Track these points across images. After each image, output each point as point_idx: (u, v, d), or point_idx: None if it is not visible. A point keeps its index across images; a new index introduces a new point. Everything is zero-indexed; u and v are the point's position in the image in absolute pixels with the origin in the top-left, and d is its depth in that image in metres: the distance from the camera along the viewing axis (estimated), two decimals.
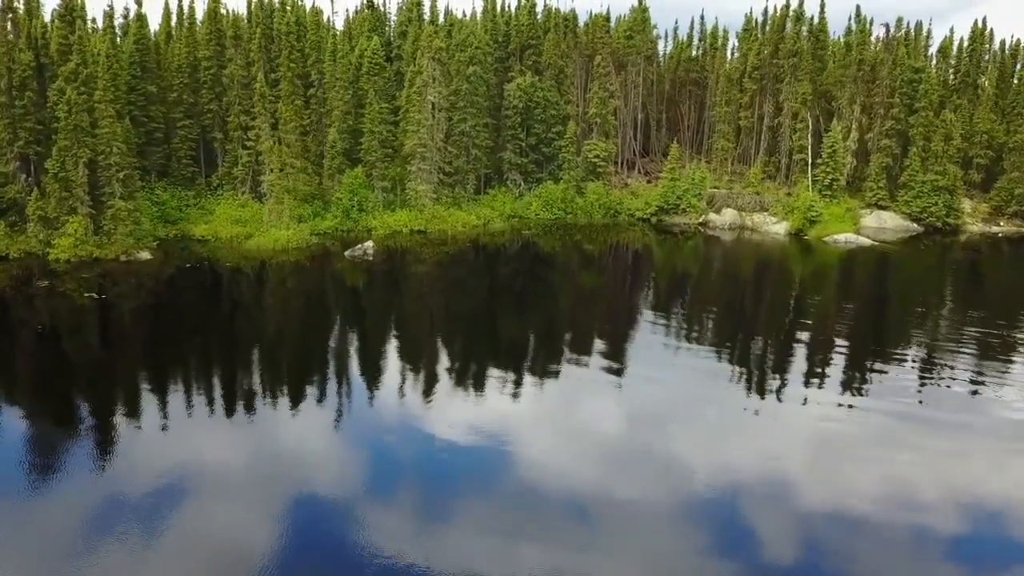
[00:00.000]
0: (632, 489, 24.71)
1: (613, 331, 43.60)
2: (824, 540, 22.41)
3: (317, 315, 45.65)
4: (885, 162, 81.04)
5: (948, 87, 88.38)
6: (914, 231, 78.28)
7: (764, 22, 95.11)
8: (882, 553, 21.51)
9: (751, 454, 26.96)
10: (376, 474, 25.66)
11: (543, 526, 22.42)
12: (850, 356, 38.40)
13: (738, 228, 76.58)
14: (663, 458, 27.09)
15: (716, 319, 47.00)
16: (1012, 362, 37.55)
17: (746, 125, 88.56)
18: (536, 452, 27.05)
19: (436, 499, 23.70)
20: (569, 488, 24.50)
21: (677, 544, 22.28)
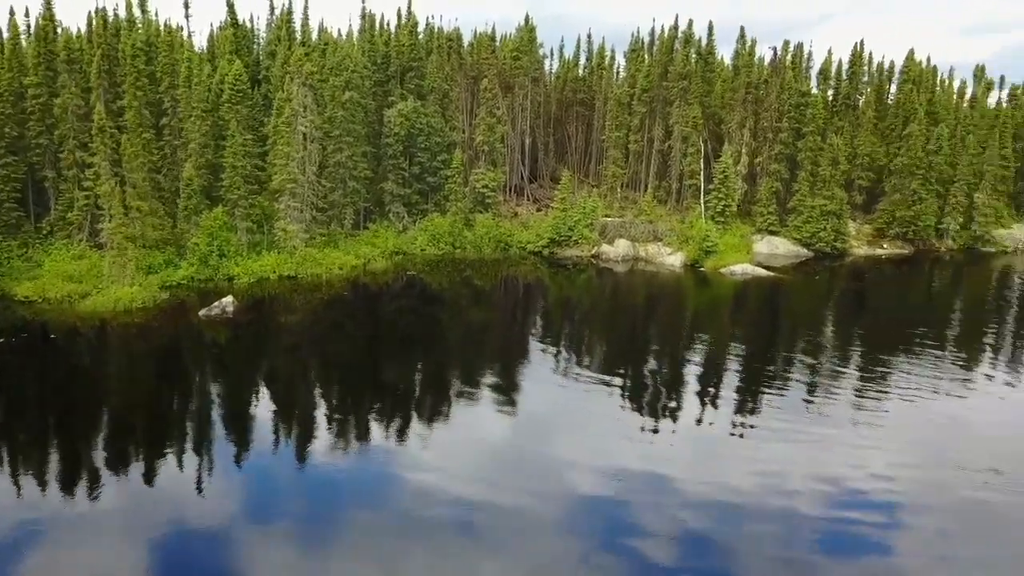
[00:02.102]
0: (522, 515, 26.99)
1: (504, 368, 43.69)
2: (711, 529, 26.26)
3: (164, 387, 38.99)
4: (775, 187, 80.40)
5: (830, 109, 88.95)
6: (804, 256, 77.82)
7: (651, 42, 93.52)
8: (759, 534, 25.69)
9: (639, 472, 29.99)
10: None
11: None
12: (737, 385, 41.11)
13: (632, 260, 73.86)
14: (556, 493, 28.54)
15: (608, 354, 48.02)
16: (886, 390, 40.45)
17: (636, 149, 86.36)
18: (423, 501, 27.77)
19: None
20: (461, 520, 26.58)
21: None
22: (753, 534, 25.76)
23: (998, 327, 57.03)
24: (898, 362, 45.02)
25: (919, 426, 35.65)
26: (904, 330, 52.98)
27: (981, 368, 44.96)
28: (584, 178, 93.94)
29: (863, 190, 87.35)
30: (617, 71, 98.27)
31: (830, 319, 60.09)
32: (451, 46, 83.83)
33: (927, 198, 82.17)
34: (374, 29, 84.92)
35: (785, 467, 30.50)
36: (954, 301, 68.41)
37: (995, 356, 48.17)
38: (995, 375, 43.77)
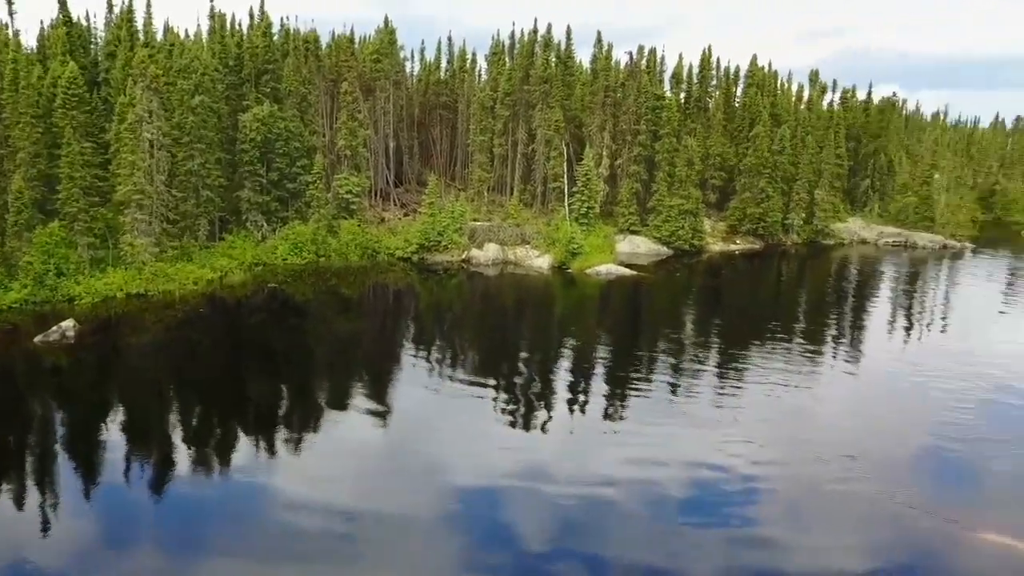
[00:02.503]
0: (399, 522, 27.09)
1: (375, 378, 43.22)
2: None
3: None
4: (635, 188, 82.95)
5: (683, 112, 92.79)
6: (665, 254, 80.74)
7: (512, 46, 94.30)
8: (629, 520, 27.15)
9: (513, 471, 30.57)
10: None
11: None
12: (605, 383, 42.70)
13: (502, 263, 74.10)
14: (432, 497, 28.75)
15: (480, 359, 47.81)
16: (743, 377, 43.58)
17: (501, 152, 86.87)
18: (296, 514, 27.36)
19: None
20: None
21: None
22: (623, 521, 27.05)
23: (838, 316, 61.80)
24: (752, 355, 47.74)
25: (774, 417, 37.49)
26: (757, 323, 56.61)
27: (826, 357, 48.31)
28: (451, 182, 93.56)
29: (716, 189, 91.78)
30: (479, 74, 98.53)
31: (690, 315, 62.85)
32: (308, 48, 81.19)
33: (773, 196, 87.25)
34: (224, 30, 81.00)
35: (653, 459, 31.82)
36: (799, 293, 73.07)
37: (836, 345, 51.90)
38: (836, 364, 47.09)
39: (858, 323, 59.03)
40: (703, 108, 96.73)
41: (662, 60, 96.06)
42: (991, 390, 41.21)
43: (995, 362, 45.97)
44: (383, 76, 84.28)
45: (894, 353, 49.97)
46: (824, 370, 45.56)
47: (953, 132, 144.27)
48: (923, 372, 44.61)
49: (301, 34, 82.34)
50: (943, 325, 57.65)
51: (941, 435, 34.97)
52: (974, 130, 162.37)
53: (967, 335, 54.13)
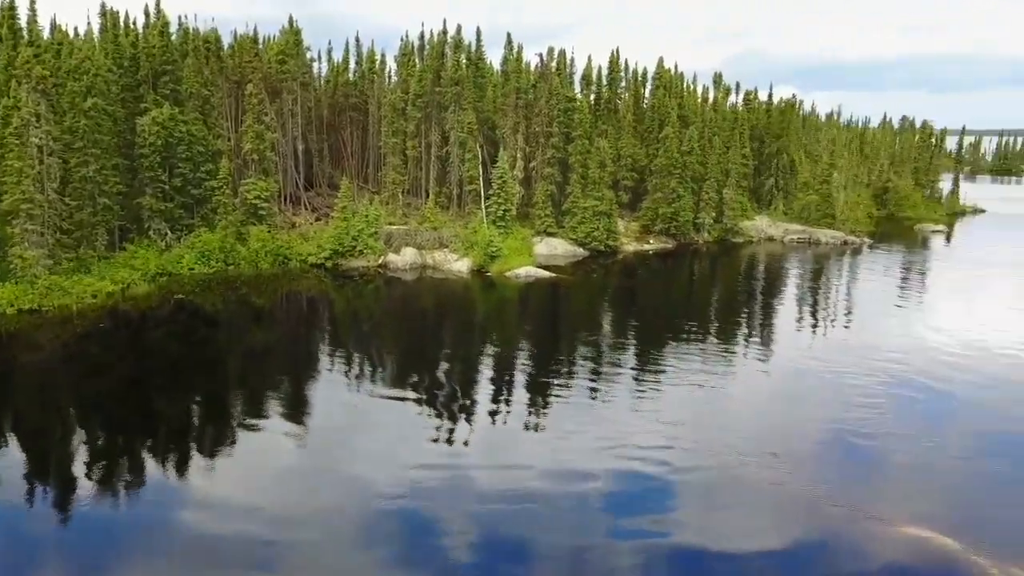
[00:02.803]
0: (320, 532, 26.66)
1: (291, 389, 42.37)
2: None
3: None
4: (550, 190, 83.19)
5: (594, 113, 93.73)
6: (581, 255, 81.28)
7: (422, 47, 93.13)
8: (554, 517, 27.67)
9: (437, 475, 30.92)
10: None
11: None
12: (526, 385, 43.26)
13: (420, 268, 72.97)
14: (354, 507, 28.72)
15: (400, 365, 47.59)
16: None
17: (414, 155, 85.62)
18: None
19: None
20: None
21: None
22: (548, 518, 27.66)
23: (749, 313, 63.83)
24: (669, 354, 48.79)
25: (691, 415, 38.17)
26: (672, 322, 57.95)
27: (738, 354, 49.71)
28: (364, 185, 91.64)
29: (628, 190, 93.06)
30: (389, 75, 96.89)
31: (608, 316, 63.54)
32: (209, 48, 77.88)
33: (684, 195, 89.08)
34: (118, 28, 76.89)
35: (575, 457, 32.60)
36: (712, 291, 74.84)
37: (748, 342, 53.33)
38: (749, 360, 48.49)
39: (768, 320, 60.96)
40: (613, 110, 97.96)
41: (572, 62, 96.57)
42: (894, 383, 42.87)
43: (895, 355, 47.97)
44: (290, 77, 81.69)
45: (802, 348, 51.65)
46: (737, 367, 46.81)
47: (846, 132, 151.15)
48: (831, 367, 46.20)
49: (201, 34, 78.85)
50: (847, 320, 59.94)
51: (852, 430, 36.09)
52: (865, 130, 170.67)
53: (869, 329, 56.30)
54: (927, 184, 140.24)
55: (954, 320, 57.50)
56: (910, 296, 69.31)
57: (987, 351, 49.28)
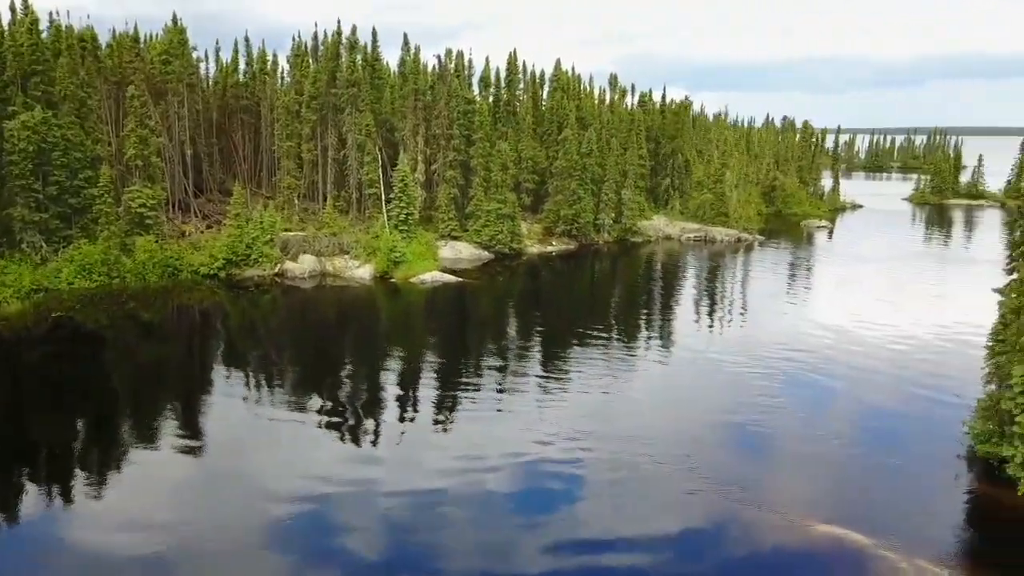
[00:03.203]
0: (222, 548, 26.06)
1: (186, 406, 40.43)
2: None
3: None
4: (452, 192, 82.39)
5: (494, 115, 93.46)
6: (486, 258, 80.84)
7: (315, 47, 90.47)
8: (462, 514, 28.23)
9: (344, 483, 30.81)
10: None
11: None
12: (433, 390, 42.97)
13: (319, 275, 70.66)
14: (257, 519, 27.92)
15: (301, 376, 45.93)
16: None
17: (310, 158, 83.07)
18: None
19: None
20: None
21: None
22: (456, 517, 28.20)
23: (649, 312, 65.33)
24: (573, 354, 49.62)
25: (597, 414, 38.83)
26: (577, 323, 58.48)
27: (640, 353, 51.02)
28: (257, 190, 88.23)
29: (530, 192, 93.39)
30: (282, 76, 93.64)
31: (514, 319, 63.50)
32: (85, 47, 72.99)
33: (584, 197, 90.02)
34: None
35: (481, 462, 32.73)
36: (613, 291, 75.84)
37: (650, 340, 54.72)
38: (651, 358, 49.82)
39: (668, 318, 62.44)
40: (512, 112, 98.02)
41: (470, 63, 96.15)
42: (790, 379, 44.55)
43: (788, 351, 49.92)
44: (175, 78, 77.59)
45: (702, 345, 53.03)
46: (640, 367, 47.81)
47: (733, 131, 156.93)
48: (729, 363, 47.75)
49: (75, 32, 73.83)
50: (742, 316, 62.06)
51: (753, 427, 37.27)
52: (751, 129, 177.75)
53: (762, 325, 58.38)
54: (811, 182, 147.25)
55: (838, 314, 59.84)
56: (798, 292, 72.26)
57: (869, 344, 51.69)
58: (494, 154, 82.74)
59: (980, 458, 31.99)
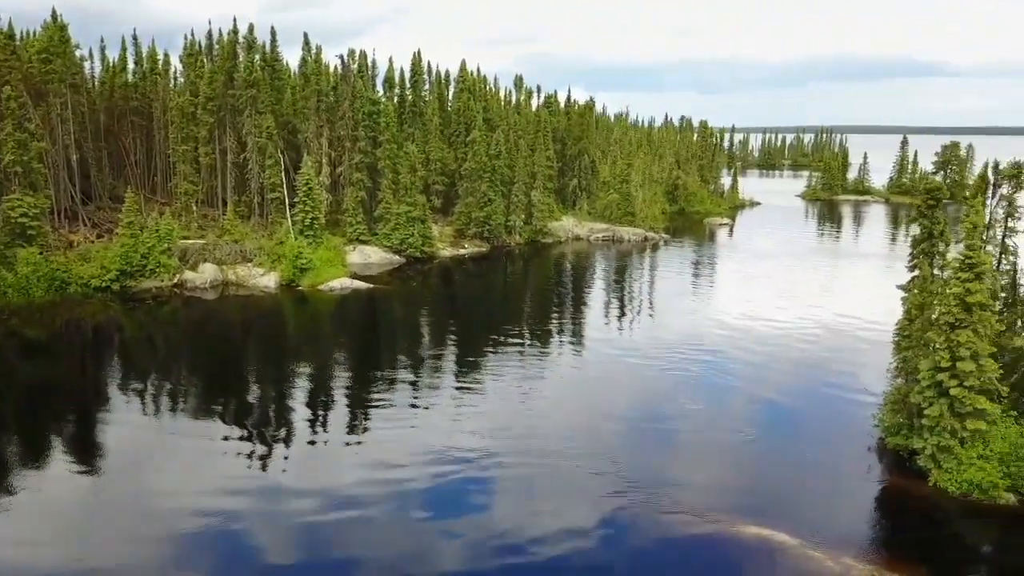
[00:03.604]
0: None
1: (78, 426, 38.70)
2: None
3: None
4: (360, 196, 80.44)
5: (400, 117, 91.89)
6: (397, 263, 79.33)
7: (210, 46, 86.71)
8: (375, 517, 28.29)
9: (253, 498, 29.80)
10: None
11: None
12: (346, 399, 42.13)
13: (221, 285, 67.52)
14: (159, 538, 26.79)
15: (205, 392, 43.74)
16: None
17: (208, 162, 79.52)
18: None
19: None
20: None
21: None
22: (369, 520, 28.17)
23: (561, 312, 65.66)
24: (489, 359, 49.42)
25: (511, 417, 38.70)
26: (490, 326, 58.46)
27: (552, 352, 51.36)
28: (152, 196, 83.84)
29: (440, 194, 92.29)
30: (175, 76, 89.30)
31: (427, 324, 62.43)
32: None
33: (495, 199, 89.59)
34: None
35: (396, 464, 32.61)
36: (526, 292, 75.63)
37: (561, 340, 54.94)
38: (564, 359, 50.10)
39: (580, 318, 62.85)
40: (419, 113, 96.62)
41: (373, 64, 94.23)
42: (701, 376, 45.59)
43: (701, 347, 51.20)
44: (56, 78, 72.55)
45: (614, 344, 53.59)
46: (554, 367, 48.03)
47: (635, 131, 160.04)
48: (638, 361, 48.64)
49: None
50: (650, 314, 63.25)
51: (670, 426, 37.90)
52: (651, 129, 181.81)
53: (669, 322, 59.55)
54: (711, 180, 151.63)
55: (745, 311, 61.24)
56: (705, 289, 74.01)
57: (776, 340, 53.24)
58: (402, 156, 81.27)
59: (891, 450, 33.11)
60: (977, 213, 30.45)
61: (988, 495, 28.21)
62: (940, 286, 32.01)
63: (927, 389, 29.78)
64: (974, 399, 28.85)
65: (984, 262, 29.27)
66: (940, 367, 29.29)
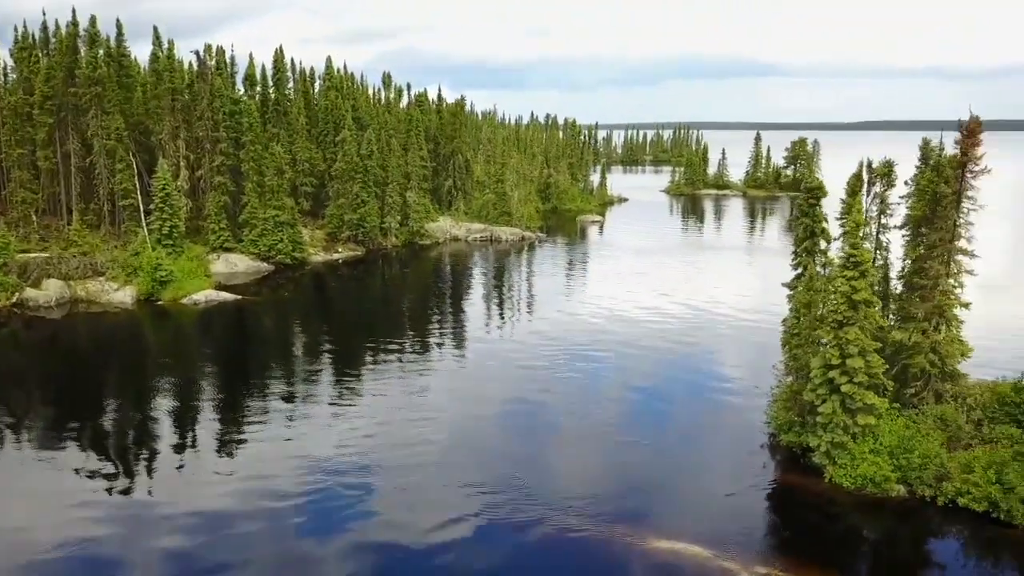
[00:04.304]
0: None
1: None
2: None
3: None
4: (223, 200, 75.62)
5: (264, 116, 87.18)
6: (266, 270, 75.18)
7: (46, 39, 79.07)
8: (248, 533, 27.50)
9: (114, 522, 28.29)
10: None
11: None
12: (215, 416, 39.75)
13: (69, 303, 61.37)
14: None
15: (53, 422, 39.51)
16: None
17: (49, 167, 72.42)
18: None
19: None
20: None
21: None
22: (241, 535, 27.27)
23: (440, 316, 64.22)
24: (366, 366, 48.04)
25: (391, 426, 37.54)
26: (369, 334, 56.54)
27: (432, 357, 50.18)
28: None
29: (309, 196, 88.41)
30: (4, 72, 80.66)
31: (302, 336, 59.34)
32: None
33: (369, 200, 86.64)
34: None
35: (270, 475, 31.77)
36: (404, 297, 73.43)
37: (441, 344, 53.63)
38: (443, 362, 49.14)
39: (459, 320, 61.62)
40: (284, 112, 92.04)
41: (232, 60, 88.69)
42: (590, 379, 45.26)
43: (584, 348, 51.23)
44: None
45: (495, 345, 52.94)
46: (434, 372, 47.04)
47: (503, 129, 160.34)
48: (525, 365, 47.71)
49: None
50: (529, 314, 62.86)
51: (558, 431, 37.48)
52: (518, 127, 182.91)
53: (553, 322, 59.06)
54: (581, 178, 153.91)
55: (625, 309, 61.69)
56: (581, 288, 73.75)
57: (657, 338, 53.69)
58: (267, 157, 76.98)
59: (784, 447, 33.62)
60: (859, 212, 31.32)
61: (881, 488, 29.02)
62: (824, 283, 32.76)
63: (819, 387, 30.35)
64: (864, 395, 29.62)
65: (867, 259, 30.09)
66: (831, 364, 29.89)
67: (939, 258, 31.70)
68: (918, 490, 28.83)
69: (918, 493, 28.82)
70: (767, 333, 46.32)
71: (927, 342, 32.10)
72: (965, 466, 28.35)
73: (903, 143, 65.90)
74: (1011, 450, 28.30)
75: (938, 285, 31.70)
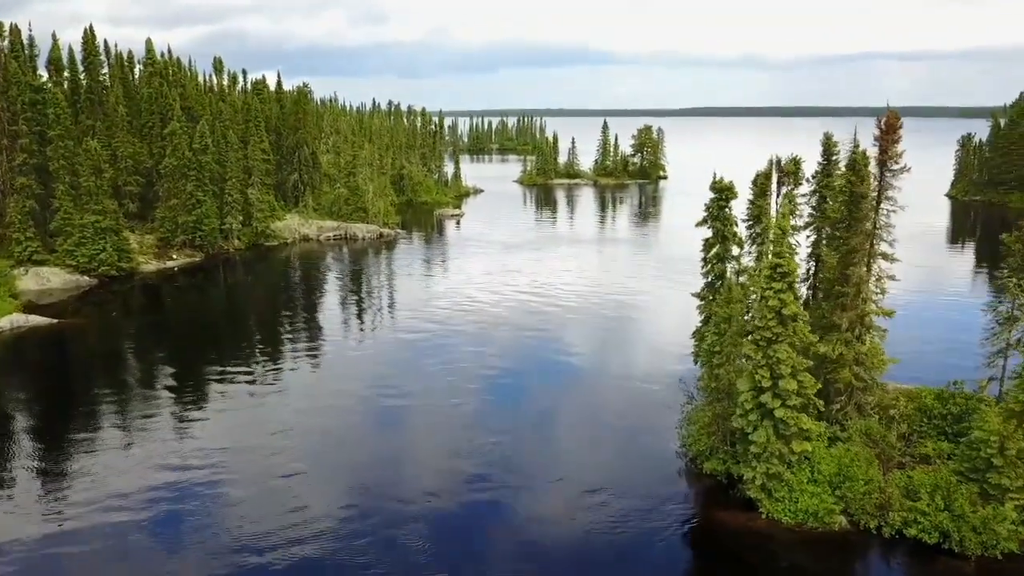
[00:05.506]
0: None
1: None
2: None
3: None
4: (28, 205, 64.82)
5: (75, 107, 75.93)
6: (88, 284, 65.39)
7: None
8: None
9: None
10: None
11: None
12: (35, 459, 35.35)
13: None
14: None
15: None
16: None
17: None
18: None
19: None
20: None
21: None
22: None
23: (293, 323, 58.46)
24: (210, 379, 44.45)
25: (240, 438, 35.79)
26: (215, 350, 51.50)
27: (286, 368, 46.50)
28: None
29: (135, 197, 78.22)
30: None
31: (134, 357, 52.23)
32: None
33: (205, 200, 77.69)
34: None
35: (113, 501, 29.79)
36: (252, 305, 66.14)
37: (296, 353, 49.45)
38: (300, 372, 45.93)
39: (313, 326, 56.94)
40: (99, 101, 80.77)
41: (31, 41, 76.29)
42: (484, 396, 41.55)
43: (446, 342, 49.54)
44: None
45: (352, 352, 50.02)
46: (289, 380, 44.34)
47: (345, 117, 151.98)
48: (379, 367, 46.07)
49: None
50: (391, 315, 59.14)
51: (449, 452, 34.50)
52: (361, 116, 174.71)
53: (412, 320, 56.09)
54: (435, 169, 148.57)
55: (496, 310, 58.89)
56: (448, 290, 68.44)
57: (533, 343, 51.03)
58: (81, 154, 66.69)
59: (707, 475, 30.51)
60: (784, 217, 28.74)
61: (823, 522, 26.56)
62: (741, 292, 30.02)
63: (750, 412, 27.41)
64: (798, 418, 27.04)
65: (794, 269, 27.39)
66: (762, 387, 27.04)
67: (860, 263, 29.68)
68: (862, 521, 26.58)
69: (862, 525, 26.59)
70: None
71: (851, 354, 30.08)
72: (908, 491, 26.40)
73: (729, 129, 67.05)
74: (949, 469, 26.69)
75: (860, 292, 29.69)
